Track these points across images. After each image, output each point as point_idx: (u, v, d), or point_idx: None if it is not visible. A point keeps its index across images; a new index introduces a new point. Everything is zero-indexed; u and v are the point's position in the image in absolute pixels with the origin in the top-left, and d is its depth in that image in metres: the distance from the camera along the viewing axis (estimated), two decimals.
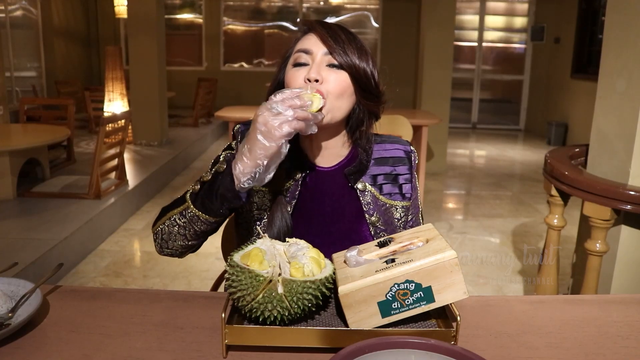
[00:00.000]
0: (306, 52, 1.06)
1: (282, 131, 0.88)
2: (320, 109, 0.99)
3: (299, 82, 1.05)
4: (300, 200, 1.13)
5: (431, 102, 5.87)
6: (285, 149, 0.90)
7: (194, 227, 1.01)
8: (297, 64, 1.07)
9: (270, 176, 0.92)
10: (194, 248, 1.09)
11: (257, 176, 0.91)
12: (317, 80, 1.03)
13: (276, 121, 0.88)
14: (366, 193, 1.14)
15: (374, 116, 1.14)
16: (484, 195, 5.17)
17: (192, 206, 0.99)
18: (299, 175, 1.12)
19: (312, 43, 1.07)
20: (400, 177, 1.18)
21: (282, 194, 1.11)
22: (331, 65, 1.05)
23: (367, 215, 1.13)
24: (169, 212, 1.04)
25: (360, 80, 1.06)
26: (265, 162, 0.90)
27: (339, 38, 1.06)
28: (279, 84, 1.13)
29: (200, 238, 1.06)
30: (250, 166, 0.90)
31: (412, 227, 1.20)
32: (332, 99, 1.04)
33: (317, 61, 1.05)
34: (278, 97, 0.91)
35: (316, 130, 0.93)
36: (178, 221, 1.02)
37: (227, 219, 1.22)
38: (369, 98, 1.10)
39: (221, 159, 1.14)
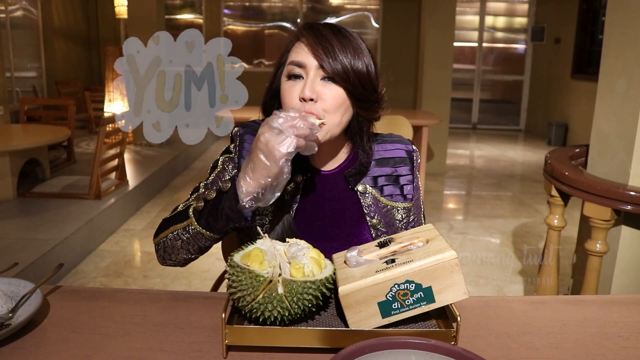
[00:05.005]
0: (299, 65, 1.02)
1: (282, 151, 0.87)
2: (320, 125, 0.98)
3: (294, 101, 1.01)
4: (301, 204, 1.12)
5: (431, 102, 5.86)
6: (288, 169, 0.89)
7: (198, 243, 1.01)
8: (291, 76, 1.03)
9: (276, 196, 0.92)
10: (196, 259, 1.09)
11: (260, 196, 0.91)
12: (312, 99, 0.99)
13: (277, 141, 0.88)
14: (367, 195, 1.13)
15: (373, 120, 1.12)
16: (484, 196, 5.17)
17: (195, 223, 0.98)
18: (300, 178, 1.10)
19: (304, 55, 1.02)
20: (402, 178, 1.16)
21: (284, 198, 1.09)
22: (325, 79, 1.01)
23: (368, 218, 1.12)
24: (172, 225, 1.03)
25: (355, 92, 1.02)
26: (268, 182, 0.89)
27: (329, 47, 1.00)
28: (275, 93, 1.10)
29: (204, 252, 1.05)
30: (254, 186, 0.90)
31: (413, 228, 1.19)
32: (329, 116, 1.01)
33: (310, 77, 1.00)
34: (282, 116, 0.89)
35: (316, 150, 0.92)
36: (182, 236, 1.01)
37: None
38: (367, 107, 1.06)
39: (219, 165, 1.14)
